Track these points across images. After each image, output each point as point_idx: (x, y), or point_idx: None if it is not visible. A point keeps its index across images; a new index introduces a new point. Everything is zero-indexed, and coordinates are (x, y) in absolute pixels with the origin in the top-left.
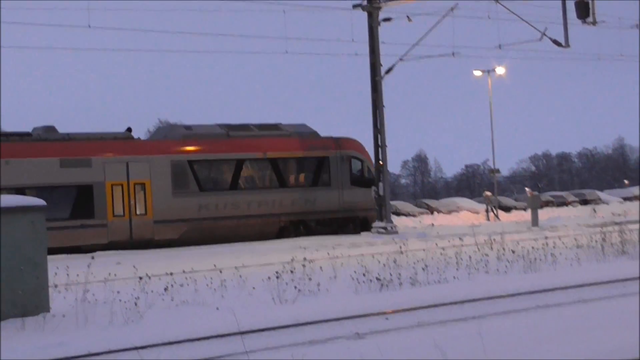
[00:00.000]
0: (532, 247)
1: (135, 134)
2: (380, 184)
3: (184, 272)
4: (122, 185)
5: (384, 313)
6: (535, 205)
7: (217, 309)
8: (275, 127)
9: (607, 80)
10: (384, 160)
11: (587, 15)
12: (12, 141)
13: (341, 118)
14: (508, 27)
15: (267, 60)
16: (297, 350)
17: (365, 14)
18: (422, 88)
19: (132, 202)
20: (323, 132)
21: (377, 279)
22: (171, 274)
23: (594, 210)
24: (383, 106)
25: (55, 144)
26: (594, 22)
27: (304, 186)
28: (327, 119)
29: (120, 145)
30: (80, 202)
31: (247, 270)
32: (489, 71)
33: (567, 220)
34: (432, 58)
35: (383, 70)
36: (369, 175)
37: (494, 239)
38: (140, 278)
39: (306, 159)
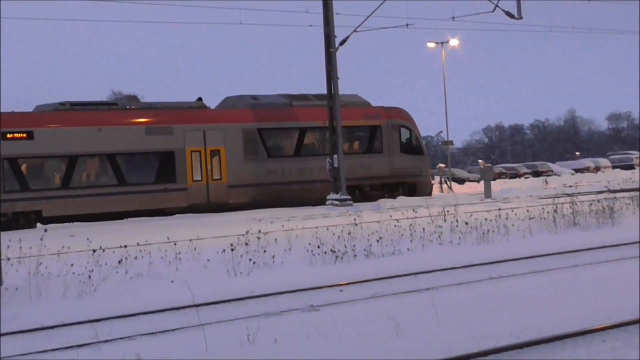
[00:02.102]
0: (485, 219)
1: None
2: (335, 156)
3: (138, 244)
4: (200, 152)
5: (339, 285)
6: (488, 177)
7: (172, 281)
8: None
9: (559, 52)
10: (339, 132)
11: None
12: (102, 110)
13: (296, 89)
14: None
15: (222, 31)
16: (252, 323)
17: None
18: (376, 59)
19: (209, 167)
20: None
21: (332, 251)
22: (125, 246)
23: (546, 182)
24: (337, 77)
25: (139, 113)
26: None
27: (359, 153)
28: (282, 91)
29: (197, 114)
30: (163, 167)
31: (201, 242)
32: (443, 43)
33: (519, 192)
34: (386, 29)
35: (337, 41)
36: (417, 143)
37: (448, 211)
38: (94, 251)
39: (361, 128)
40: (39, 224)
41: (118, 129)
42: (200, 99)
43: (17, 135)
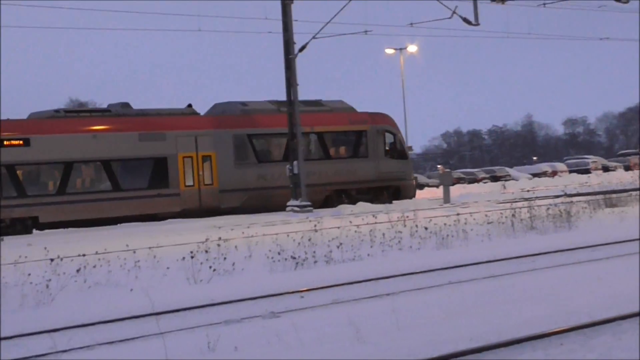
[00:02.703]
0: (445, 224)
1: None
2: (295, 162)
3: (97, 253)
4: (191, 157)
5: (299, 291)
6: (447, 182)
7: (131, 290)
8: (318, 103)
9: (516, 58)
10: (298, 139)
11: None
12: (95, 117)
13: (256, 96)
14: (419, 5)
15: (180, 38)
16: (213, 330)
17: None
18: (335, 66)
19: (201, 172)
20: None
21: (292, 257)
22: (84, 255)
23: (504, 187)
24: (297, 84)
25: (133, 119)
26: (503, 1)
27: (345, 158)
28: (242, 97)
29: (188, 120)
30: (156, 173)
31: (161, 250)
32: (401, 49)
33: (478, 197)
34: (345, 36)
35: (296, 48)
36: (401, 147)
37: (407, 216)
38: (52, 260)
39: (347, 133)
40: (35, 230)
41: (112, 136)
42: (190, 106)
43: (14, 142)
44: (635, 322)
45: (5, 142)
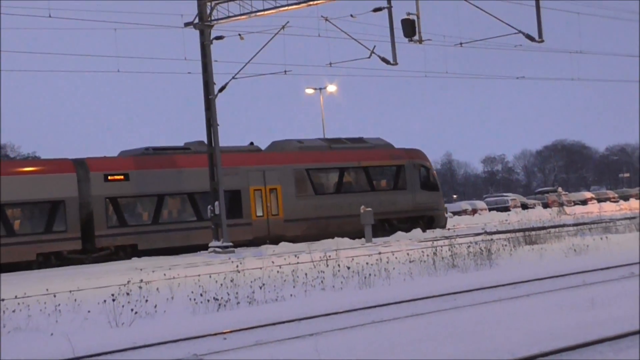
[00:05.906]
0: (367, 263)
1: None
2: (216, 203)
3: (16, 297)
4: (261, 190)
5: (222, 333)
6: (368, 221)
7: (52, 334)
8: (361, 140)
9: (434, 96)
10: (220, 179)
11: (413, 33)
12: (179, 153)
13: (176, 137)
14: (338, 45)
15: (99, 79)
16: None
17: (197, 32)
18: (256, 106)
19: (269, 204)
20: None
21: (215, 299)
22: (3, 300)
23: None
24: (217, 124)
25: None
26: (420, 41)
27: (387, 190)
28: (162, 139)
29: (255, 156)
30: (232, 204)
31: (82, 293)
32: (321, 89)
33: (399, 236)
34: (264, 76)
35: (216, 88)
36: (434, 180)
37: (329, 256)
38: None
39: (389, 167)
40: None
41: (195, 171)
42: (252, 143)
43: (116, 177)
44: (557, 358)
45: (109, 177)
